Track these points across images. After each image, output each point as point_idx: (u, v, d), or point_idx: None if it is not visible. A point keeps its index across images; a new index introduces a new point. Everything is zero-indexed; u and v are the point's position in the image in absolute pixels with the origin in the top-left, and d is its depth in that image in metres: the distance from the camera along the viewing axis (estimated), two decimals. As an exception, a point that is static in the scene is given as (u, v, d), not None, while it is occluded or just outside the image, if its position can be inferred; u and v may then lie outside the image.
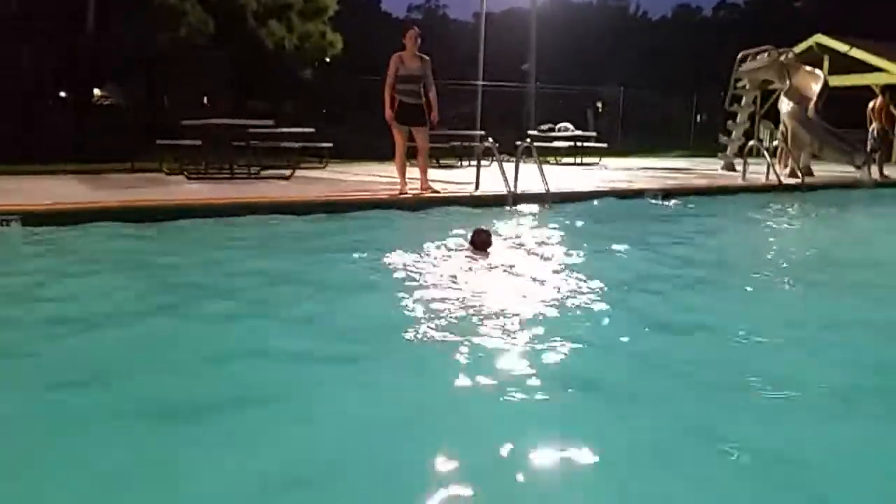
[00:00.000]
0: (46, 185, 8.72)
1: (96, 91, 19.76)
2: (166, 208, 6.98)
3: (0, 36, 14.12)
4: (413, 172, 8.80)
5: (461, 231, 6.50)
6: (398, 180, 8.70)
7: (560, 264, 5.28)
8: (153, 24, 14.78)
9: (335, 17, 18.07)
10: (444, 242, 6.11)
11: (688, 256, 5.85)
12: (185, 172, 10.55)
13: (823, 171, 14.13)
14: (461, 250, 5.73)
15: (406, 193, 8.48)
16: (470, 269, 5.05)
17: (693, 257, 5.82)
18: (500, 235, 6.56)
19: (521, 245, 6.14)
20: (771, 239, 7.28)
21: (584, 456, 2.26)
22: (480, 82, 17.29)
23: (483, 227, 6.00)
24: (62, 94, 18.05)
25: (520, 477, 2.14)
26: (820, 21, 23.38)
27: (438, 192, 8.73)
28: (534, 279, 4.76)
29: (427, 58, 8.50)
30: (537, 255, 5.70)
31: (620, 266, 5.27)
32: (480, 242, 5.68)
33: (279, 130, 11.49)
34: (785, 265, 5.77)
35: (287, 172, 10.79)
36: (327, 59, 19.03)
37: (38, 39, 14.57)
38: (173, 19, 14.87)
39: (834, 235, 7.84)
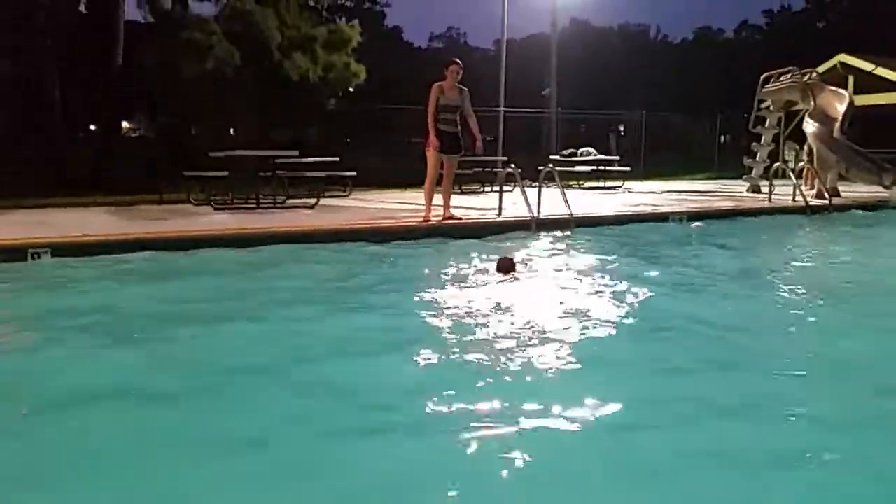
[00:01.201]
0: (76, 217, 8.88)
1: (125, 123, 20.17)
2: (194, 238, 7.06)
3: (31, 70, 14.48)
4: (436, 199, 8.83)
5: (487, 256, 6.52)
6: (423, 207, 8.73)
7: (586, 290, 5.26)
8: (180, 57, 15.08)
9: (358, 48, 18.30)
10: (471, 269, 6.13)
11: (714, 280, 5.80)
12: (213, 203, 10.68)
13: (851, 191, 13.94)
14: (487, 277, 5.73)
15: (430, 220, 8.52)
16: (497, 295, 5.03)
17: (719, 281, 5.77)
18: (525, 261, 6.55)
19: (546, 271, 6.13)
20: (801, 263, 7.19)
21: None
22: (502, 108, 17.38)
23: (507, 255, 6.24)
24: (91, 126, 18.46)
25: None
26: (843, 40, 23.23)
27: (460, 219, 8.75)
28: (560, 304, 4.73)
29: (466, 89, 8.62)
30: (563, 280, 5.68)
31: (647, 291, 5.21)
32: (505, 267, 5.87)
33: (304, 160, 11.61)
34: (817, 289, 5.68)
35: (312, 201, 10.89)
36: (351, 89, 19.24)
37: (67, 76, 14.92)
38: (200, 52, 15.15)
39: (864, 258, 7.70)
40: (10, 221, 8.38)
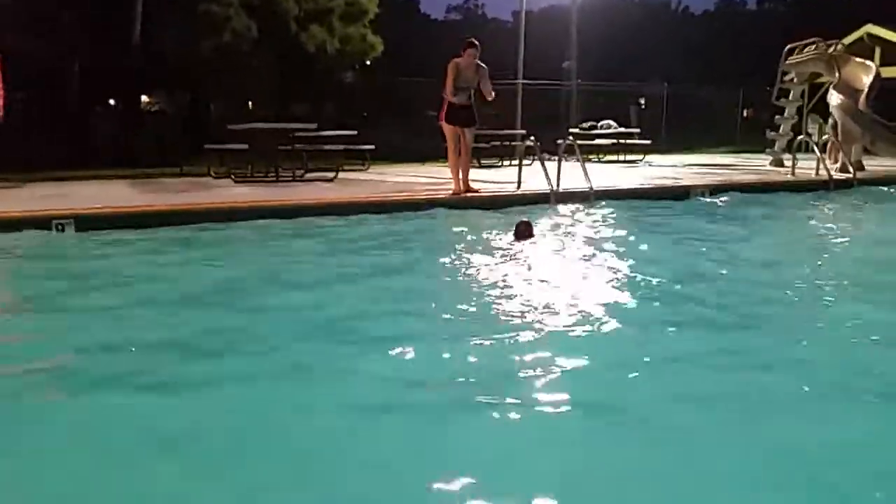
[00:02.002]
0: (98, 190, 8.95)
1: (144, 98, 20.23)
2: (216, 210, 7.11)
3: (51, 48, 14.53)
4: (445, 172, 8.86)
5: (506, 228, 6.52)
6: (440, 180, 8.72)
7: (607, 263, 5.23)
8: (198, 31, 15.05)
9: (375, 20, 18.17)
10: (490, 240, 6.14)
11: (736, 255, 5.75)
12: (233, 176, 10.73)
13: (876, 165, 13.71)
14: (505, 249, 5.73)
15: (459, 193, 8.51)
16: (515, 267, 5.03)
17: (742, 256, 5.71)
18: (545, 234, 6.53)
19: (566, 244, 6.11)
20: (825, 237, 7.08)
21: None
22: (521, 81, 17.20)
23: (524, 219, 6.47)
24: (111, 101, 18.53)
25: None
26: (870, 10, 22.70)
27: (479, 192, 8.73)
28: (582, 277, 4.72)
29: (484, 66, 8.54)
30: (582, 253, 5.66)
31: (668, 265, 5.18)
32: (523, 232, 6.13)
33: (323, 133, 11.60)
34: (841, 265, 5.62)
35: (330, 175, 10.89)
36: (367, 62, 19.15)
37: (86, 51, 14.95)
38: (217, 26, 15.13)
39: (887, 232, 7.59)
40: (32, 194, 8.47)
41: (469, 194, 8.58)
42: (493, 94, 8.57)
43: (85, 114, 15.90)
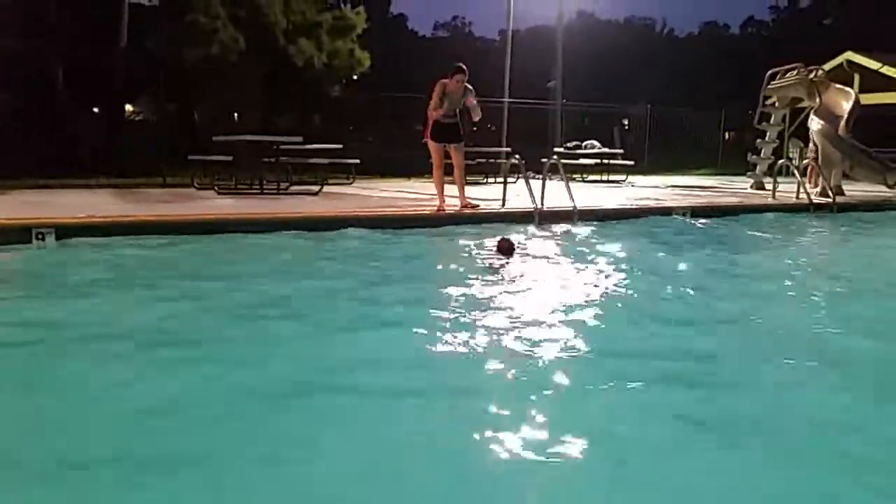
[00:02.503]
0: (80, 199, 8.87)
1: (128, 107, 20.11)
2: (197, 223, 7.06)
3: (35, 54, 14.43)
4: (451, 190, 8.94)
5: (490, 245, 6.55)
6: (426, 196, 8.75)
7: (588, 282, 5.27)
8: (185, 40, 15.01)
9: (363, 36, 18.24)
10: (473, 257, 6.15)
11: (716, 276, 5.80)
12: (216, 187, 10.68)
13: (855, 190, 13.91)
14: (488, 265, 5.74)
15: (444, 210, 8.54)
16: (499, 284, 5.03)
17: (720, 276, 5.77)
18: (528, 253, 6.56)
19: (549, 262, 6.13)
20: (802, 260, 7.16)
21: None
22: (507, 99, 17.31)
23: (507, 236, 6.65)
24: (95, 109, 18.40)
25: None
26: (849, 38, 23.15)
27: (478, 207, 8.79)
28: (563, 295, 4.74)
29: (471, 88, 8.60)
30: (564, 271, 5.69)
31: (649, 285, 5.22)
32: (505, 249, 6.34)
33: (308, 147, 11.59)
34: (817, 288, 5.68)
35: (315, 188, 10.88)
36: (355, 77, 19.19)
37: (71, 56, 14.87)
38: (205, 36, 15.09)
39: (866, 257, 7.69)
40: (13, 201, 8.38)
41: (468, 210, 8.63)
42: (480, 114, 8.65)
43: (69, 120, 15.77)
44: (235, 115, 19.42)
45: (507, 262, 5.95)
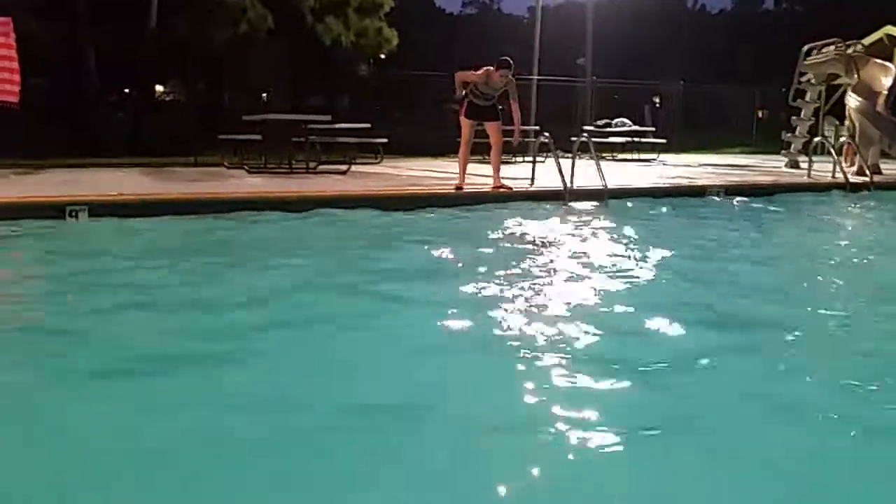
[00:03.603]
0: (112, 178, 8.98)
1: (158, 87, 20.28)
2: (228, 200, 7.11)
3: (65, 37, 14.58)
4: (481, 169, 8.77)
5: (519, 224, 6.50)
6: (453, 175, 8.67)
7: (619, 261, 5.20)
8: (214, 20, 15.06)
9: (390, 14, 18.14)
10: (501, 235, 6.11)
11: (750, 257, 5.70)
12: (246, 167, 10.75)
13: (893, 169, 13.57)
14: (516, 243, 5.70)
15: (462, 188, 8.47)
16: (528, 264, 5.00)
17: (756, 258, 5.66)
18: (558, 231, 6.51)
19: (578, 241, 6.08)
20: (841, 240, 7.02)
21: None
22: (536, 77, 17.15)
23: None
24: (126, 90, 18.59)
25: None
26: (891, 11, 22.48)
27: (511, 189, 8.66)
28: (593, 275, 4.69)
29: (513, 80, 8.46)
30: (596, 251, 5.62)
31: (681, 266, 5.14)
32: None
33: (336, 126, 11.59)
34: (854, 270, 5.55)
35: (343, 167, 10.89)
36: (382, 55, 19.12)
37: (101, 38, 15.00)
38: (233, 16, 15.12)
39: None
40: (47, 181, 8.50)
41: (500, 191, 8.51)
42: (517, 107, 8.44)
43: (100, 102, 15.95)
44: (264, 95, 19.48)
45: (536, 242, 5.88)
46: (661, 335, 3.46)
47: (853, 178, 11.52)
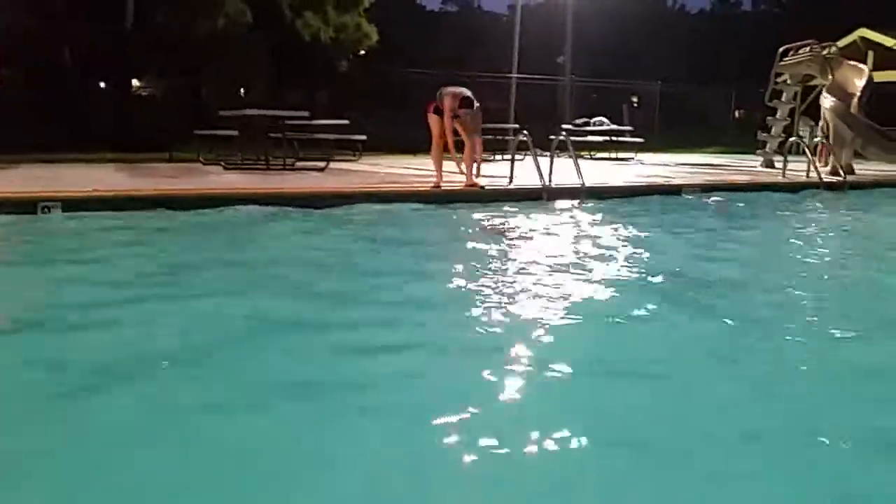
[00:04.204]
0: (86, 174, 8.87)
1: (135, 82, 20.03)
2: (201, 197, 7.05)
3: (41, 32, 14.36)
4: (451, 166, 8.72)
5: (497, 222, 6.51)
6: (432, 172, 8.65)
7: (597, 259, 5.22)
8: (191, 14, 14.91)
9: (370, 10, 18.08)
10: (478, 233, 6.11)
11: (725, 255, 5.76)
12: (222, 163, 10.66)
13: (866, 169, 13.78)
14: (493, 240, 5.71)
15: (440, 187, 8.44)
16: (504, 262, 5.01)
17: (730, 256, 5.72)
18: (536, 229, 6.53)
19: (558, 239, 6.10)
20: (815, 238, 7.11)
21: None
22: (515, 75, 17.18)
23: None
24: (102, 84, 18.34)
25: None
26: (864, 14, 22.80)
27: (483, 188, 8.63)
28: (571, 273, 4.71)
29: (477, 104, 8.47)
30: (574, 249, 5.65)
31: (657, 263, 5.17)
32: None
33: (315, 122, 11.53)
34: (827, 267, 5.64)
35: (321, 164, 10.83)
36: (362, 52, 19.06)
37: (78, 33, 14.80)
38: (211, 10, 14.99)
39: (875, 235, 7.62)
40: (21, 175, 8.38)
41: (472, 189, 8.46)
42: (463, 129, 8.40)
43: (77, 96, 15.74)
44: (242, 90, 19.34)
45: (513, 240, 5.90)
46: (638, 333, 3.49)
47: (827, 178, 11.68)
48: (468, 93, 8.48)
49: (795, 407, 2.65)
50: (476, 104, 8.55)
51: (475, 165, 9.07)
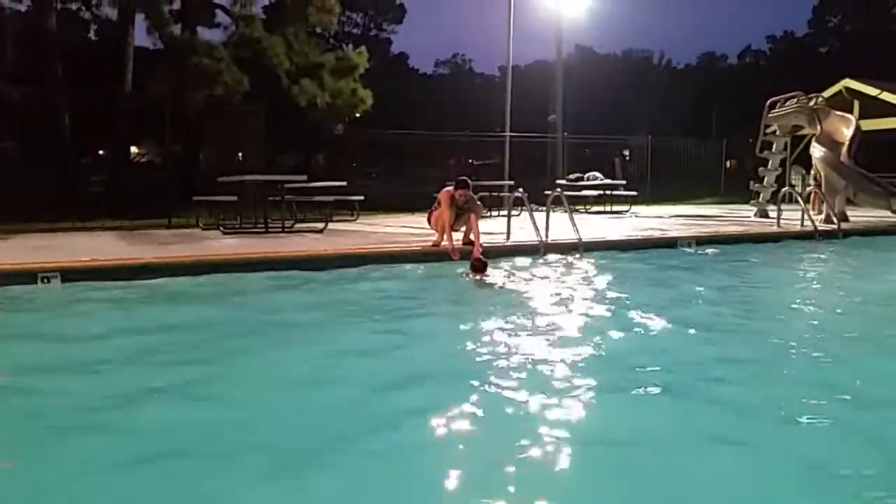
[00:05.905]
0: (85, 242, 8.90)
1: (133, 149, 20.32)
2: (203, 263, 7.07)
3: (40, 100, 14.63)
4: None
5: (498, 278, 6.52)
6: (430, 231, 8.65)
7: (596, 313, 5.23)
8: (189, 83, 15.21)
9: (365, 75, 18.44)
10: (480, 289, 6.12)
11: (724, 307, 5.76)
12: (221, 227, 10.71)
13: (859, 216, 13.88)
14: (498, 299, 5.71)
15: (439, 245, 8.46)
16: (507, 319, 5.00)
17: (730, 308, 5.72)
18: (535, 286, 6.54)
19: (557, 294, 6.10)
20: (811, 288, 7.13)
21: None
22: (508, 133, 17.43)
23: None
24: (101, 151, 18.61)
25: None
26: (847, 65, 23.35)
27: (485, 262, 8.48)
28: (571, 327, 4.70)
29: (472, 195, 8.47)
30: (573, 303, 5.65)
31: (657, 315, 5.17)
32: (479, 268, 6.93)
33: (312, 185, 11.64)
34: (830, 317, 5.63)
35: (320, 225, 10.89)
36: (357, 115, 19.38)
37: (76, 101, 15.08)
38: (209, 78, 15.29)
39: (874, 283, 7.63)
40: (19, 245, 8.40)
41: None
42: (478, 228, 8.28)
43: (75, 164, 15.92)
44: (240, 154, 19.59)
45: (513, 296, 5.90)
46: (638, 403, 3.46)
47: (822, 226, 11.75)
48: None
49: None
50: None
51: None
